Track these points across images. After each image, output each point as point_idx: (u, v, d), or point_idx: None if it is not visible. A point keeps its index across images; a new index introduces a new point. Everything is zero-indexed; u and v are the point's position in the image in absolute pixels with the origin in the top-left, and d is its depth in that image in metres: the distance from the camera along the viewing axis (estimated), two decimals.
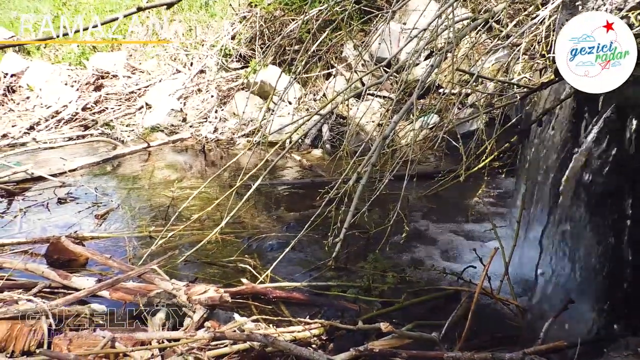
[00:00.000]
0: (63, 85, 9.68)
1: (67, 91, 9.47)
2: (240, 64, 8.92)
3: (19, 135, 8.37)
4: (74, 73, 10.07)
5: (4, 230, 4.32)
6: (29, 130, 8.59)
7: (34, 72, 9.91)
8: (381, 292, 3.04)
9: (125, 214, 4.73)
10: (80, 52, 10.64)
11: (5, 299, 2.77)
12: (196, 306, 2.46)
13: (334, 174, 5.62)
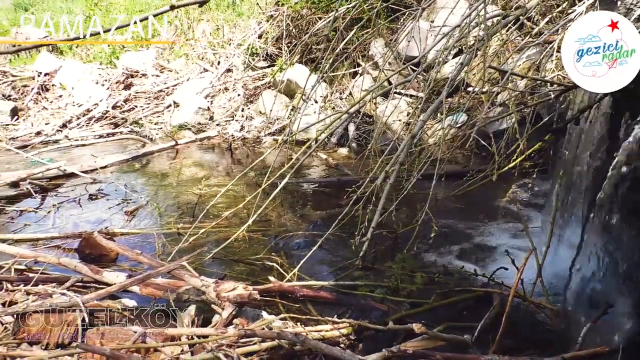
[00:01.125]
0: (94, 84, 9.88)
1: (98, 90, 9.66)
2: (266, 63, 8.96)
3: (52, 132, 8.59)
4: (105, 72, 10.27)
5: (38, 225, 4.43)
6: (61, 128, 8.80)
7: (66, 71, 10.13)
8: (409, 292, 3.00)
9: (154, 210, 4.79)
10: (110, 51, 10.85)
11: (39, 292, 2.84)
12: (225, 303, 2.46)
13: (360, 173, 5.60)
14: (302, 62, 7.94)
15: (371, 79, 7.13)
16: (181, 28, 10.71)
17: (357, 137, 6.87)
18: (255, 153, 7.28)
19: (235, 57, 9.15)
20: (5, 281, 3.07)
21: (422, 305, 2.80)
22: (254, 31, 8.87)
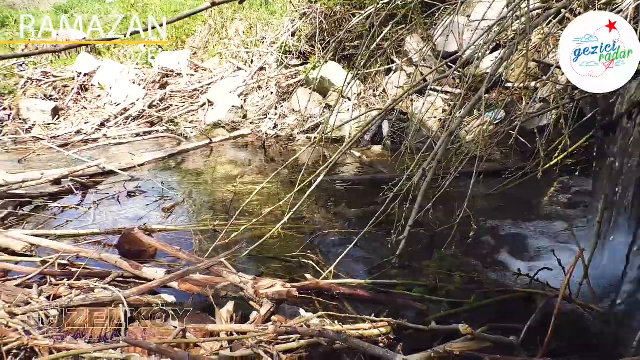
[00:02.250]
0: (131, 83, 10.10)
1: (135, 89, 9.87)
2: (299, 61, 8.97)
3: (91, 131, 8.83)
4: (141, 72, 10.49)
5: (79, 221, 4.54)
6: (100, 126, 9.04)
7: (105, 71, 10.40)
8: (448, 292, 2.93)
9: (190, 207, 4.86)
10: (146, 51, 11.06)
11: (82, 286, 2.91)
12: (263, 300, 2.47)
13: (395, 170, 5.54)
14: (335, 59, 7.91)
15: (406, 75, 7.03)
16: (215, 27, 10.83)
17: (391, 134, 6.80)
18: (288, 151, 7.30)
19: (269, 56, 9.20)
20: (50, 275, 3.16)
21: (462, 305, 2.73)
22: (287, 29, 8.90)
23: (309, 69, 8.32)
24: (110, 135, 8.59)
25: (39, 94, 9.93)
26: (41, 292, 2.79)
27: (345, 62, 8.13)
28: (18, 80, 10.29)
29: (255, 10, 10.24)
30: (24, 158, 7.28)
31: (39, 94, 9.92)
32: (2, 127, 9.33)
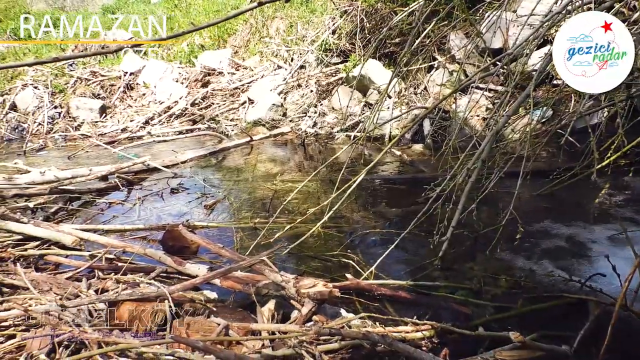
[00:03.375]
0: (174, 82, 10.33)
1: (178, 88, 10.09)
2: (339, 59, 8.94)
3: (136, 129, 9.09)
4: (184, 71, 10.70)
5: (125, 216, 4.67)
6: (144, 124, 9.29)
7: (149, 70, 10.67)
8: (493, 296, 2.85)
9: (231, 205, 4.91)
10: (189, 50, 11.28)
11: (128, 281, 2.98)
12: (305, 299, 2.46)
13: (437, 170, 5.44)
14: (375, 57, 7.85)
15: (448, 73, 6.89)
16: (256, 26, 10.92)
17: (432, 132, 6.68)
18: (327, 149, 7.29)
19: (309, 54, 9.21)
20: (98, 269, 3.26)
21: (509, 310, 2.64)
22: (328, 27, 8.88)
23: (349, 67, 8.27)
24: (154, 132, 8.81)
25: (87, 92, 10.30)
26: (90, 286, 2.88)
27: (385, 60, 8.06)
28: (68, 79, 10.70)
29: (296, 9, 10.27)
30: (73, 155, 7.56)
31: (87, 93, 10.28)
32: (53, 125, 9.73)
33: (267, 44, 10.33)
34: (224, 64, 10.50)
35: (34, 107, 10.02)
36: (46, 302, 2.45)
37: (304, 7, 10.19)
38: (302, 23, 9.89)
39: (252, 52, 10.78)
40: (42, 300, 2.49)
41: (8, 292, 2.89)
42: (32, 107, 10.02)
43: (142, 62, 11.07)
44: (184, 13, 12.87)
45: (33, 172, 5.48)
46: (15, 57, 12.19)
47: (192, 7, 12.90)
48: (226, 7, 12.01)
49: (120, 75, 10.80)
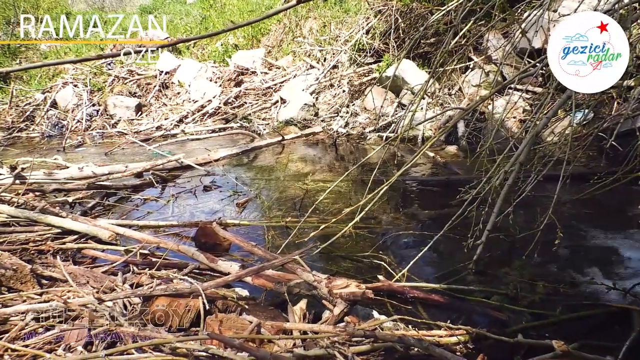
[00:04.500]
0: (208, 81, 10.46)
1: (211, 87, 10.21)
2: (373, 59, 8.89)
3: (171, 127, 9.24)
4: (218, 70, 10.82)
5: (159, 213, 4.74)
6: (178, 122, 9.45)
7: (184, 69, 10.84)
8: (530, 302, 2.76)
9: (262, 203, 4.93)
10: (223, 50, 11.41)
11: (162, 276, 3.02)
12: (337, 300, 2.44)
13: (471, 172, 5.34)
14: (409, 57, 7.76)
15: (484, 73, 6.76)
16: (289, 26, 10.96)
17: (466, 134, 6.57)
18: (359, 149, 7.26)
19: (342, 54, 9.19)
20: (132, 264, 3.32)
21: (547, 318, 2.56)
22: (361, 27, 8.84)
23: (383, 67, 8.21)
24: (188, 131, 8.94)
25: (124, 91, 10.53)
26: (125, 280, 2.93)
27: (419, 60, 7.96)
28: (106, 78, 10.96)
29: (330, 9, 10.26)
30: (110, 151, 7.74)
31: (124, 91, 10.52)
32: (91, 122, 9.99)
33: (300, 43, 10.35)
34: (257, 64, 10.58)
35: (73, 105, 10.32)
36: (84, 295, 2.50)
37: (337, 7, 10.17)
38: (336, 23, 9.88)
39: (285, 52, 10.83)
40: (80, 293, 2.54)
41: (47, 284, 2.97)
42: (71, 105, 10.32)
43: (177, 61, 11.25)
44: (219, 13, 13.03)
45: (72, 167, 5.63)
46: (57, 56, 12.58)
47: (227, 7, 13.04)
48: (260, 7, 12.10)
49: (156, 74, 11.01)
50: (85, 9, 17.78)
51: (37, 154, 7.22)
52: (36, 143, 9.26)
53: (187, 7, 14.81)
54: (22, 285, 2.84)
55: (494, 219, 2.93)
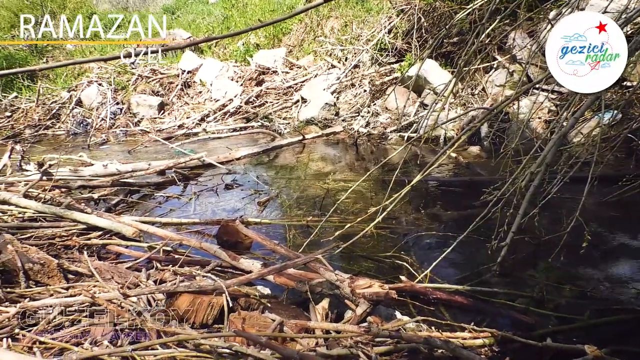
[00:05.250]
0: (229, 80, 10.53)
1: (233, 86, 10.28)
2: (394, 58, 8.84)
3: (192, 125, 9.33)
4: (239, 69, 10.89)
5: (181, 210, 4.78)
6: (200, 121, 9.53)
7: (206, 68, 10.93)
8: (556, 306, 2.71)
9: (283, 202, 4.93)
10: (245, 49, 11.48)
11: (185, 273, 3.04)
12: (359, 300, 2.42)
13: (494, 172, 5.27)
14: (432, 56, 7.70)
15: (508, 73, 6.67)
16: (310, 25, 10.97)
17: (489, 135, 6.48)
18: (379, 149, 7.22)
19: (363, 53, 9.15)
20: (156, 260, 3.35)
21: (574, 322, 2.51)
22: (383, 26, 8.79)
23: (405, 67, 8.16)
24: (209, 129, 9.01)
25: (147, 90, 10.67)
26: (149, 276, 2.96)
27: (442, 60, 7.89)
28: (130, 77, 11.11)
29: (351, 8, 10.24)
30: (133, 149, 7.84)
31: (147, 90, 10.65)
32: (115, 120, 10.14)
33: (322, 43, 10.35)
34: (278, 63, 10.62)
35: (97, 103, 10.49)
36: (109, 290, 2.53)
37: (359, 7, 10.15)
38: (357, 22, 9.85)
39: (306, 52, 10.84)
40: (106, 288, 2.58)
41: (73, 278, 3.02)
42: (96, 103, 10.49)
43: (199, 60, 11.35)
44: (241, 13, 13.10)
45: (96, 165, 5.72)
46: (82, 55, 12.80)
47: (249, 6, 13.11)
48: (282, 7, 12.14)
49: (178, 74, 11.12)
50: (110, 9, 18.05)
51: (62, 151, 7.35)
52: (62, 140, 9.44)
53: (209, 7, 14.92)
54: (49, 279, 2.89)
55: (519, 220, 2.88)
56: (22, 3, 14.46)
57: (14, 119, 10.31)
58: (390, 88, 8.30)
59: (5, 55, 12.37)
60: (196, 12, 14.71)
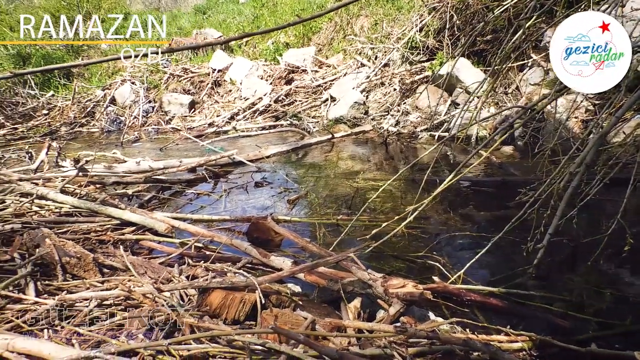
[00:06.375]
0: (259, 79, 10.59)
1: (262, 85, 10.33)
2: (425, 57, 8.73)
3: (222, 124, 9.41)
4: (269, 68, 10.94)
5: (211, 207, 4.83)
6: (229, 119, 9.61)
7: (236, 67, 11.02)
8: (596, 310, 2.62)
9: (313, 201, 4.92)
10: (274, 48, 11.53)
11: (216, 269, 3.07)
12: (392, 300, 2.39)
13: (529, 173, 5.15)
14: (464, 55, 7.57)
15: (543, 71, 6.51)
16: (340, 24, 10.94)
17: (523, 134, 6.34)
18: (409, 148, 7.14)
19: (394, 52, 9.07)
20: (187, 256, 3.38)
21: (616, 327, 2.42)
22: (415, 24, 8.69)
23: (436, 65, 8.05)
24: (239, 127, 9.08)
25: (178, 88, 10.82)
26: (181, 272, 2.99)
27: (474, 58, 7.75)
28: (162, 76, 11.30)
29: (381, 6, 10.16)
30: (165, 147, 7.97)
31: (178, 89, 10.81)
32: (147, 118, 10.33)
33: (351, 41, 10.31)
34: (308, 62, 10.62)
35: (130, 102, 10.70)
36: (144, 285, 2.56)
37: (389, 5, 10.06)
38: (388, 21, 9.77)
39: (335, 50, 10.82)
40: (141, 283, 2.61)
41: (108, 272, 3.08)
42: (129, 102, 10.71)
43: (229, 59, 11.45)
44: (271, 12, 13.16)
45: (129, 161, 5.82)
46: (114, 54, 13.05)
47: (279, 5, 13.16)
48: (312, 6, 12.13)
49: (209, 72, 11.25)
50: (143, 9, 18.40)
51: (97, 148, 7.52)
52: (96, 137, 9.67)
53: (239, 6, 15.05)
54: (85, 273, 2.95)
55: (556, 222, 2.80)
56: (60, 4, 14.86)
57: (50, 117, 10.60)
58: (420, 87, 8.20)
59: (43, 54, 12.73)
60: (227, 11, 14.85)
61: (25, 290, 2.69)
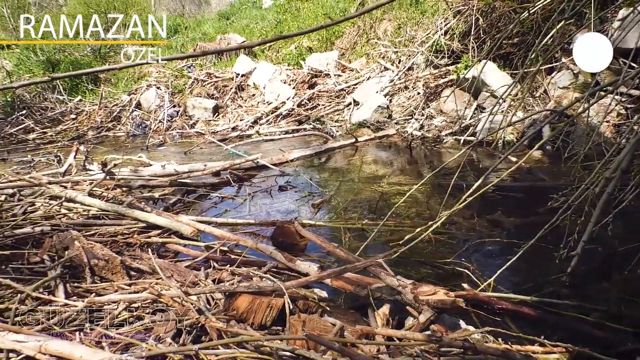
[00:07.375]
0: (282, 83, 10.62)
1: (285, 89, 10.36)
2: (450, 60, 8.63)
3: (246, 128, 9.46)
4: (292, 72, 10.96)
5: (236, 211, 4.83)
6: (253, 123, 9.65)
7: (259, 72, 11.07)
8: (635, 321, 2.52)
9: (337, 205, 4.89)
10: (297, 53, 11.55)
11: (242, 273, 3.05)
12: (423, 307, 2.34)
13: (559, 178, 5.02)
14: (490, 58, 7.46)
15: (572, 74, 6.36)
16: (363, 28, 10.91)
17: (552, 139, 6.20)
18: (433, 153, 7.06)
19: (418, 55, 9.00)
20: (213, 260, 3.38)
21: None
22: (439, 28, 8.60)
23: (461, 69, 7.94)
24: (262, 132, 9.11)
25: (202, 93, 10.92)
26: (207, 275, 2.98)
27: (500, 61, 7.63)
28: (186, 80, 11.42)
29: (405, 10, 10.10)
30: (189, 150, 8.03)
31: (202, 93, 10.91)
32: (172, 122, 10.44)
33: (374, 45, 10.26)
34: (331, 66, 10.62)
35: (155, 106, 10.84)
36: (171, 288, 2.56)
37: (413, 8, 9.99)
38: (412, 24, 9.70)
39: (358, 54, 10.78)
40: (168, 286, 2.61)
41: (135, 275, 3.09)
42: (154, 106, 10.85)
43: (252, 64, 11.52)
44: (294, 17, 13.21)
45: (155, 165, 5.87)
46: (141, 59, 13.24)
47: (302, 10, 13.20)
48: (334, 11, 12.13)
49: (232, 77, 11.33)
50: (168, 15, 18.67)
51: (123, 152, 7.62)
52: (122, 141, 9.81)
53: (262, 11, 15.15)
54: (112, 275, 2.97)
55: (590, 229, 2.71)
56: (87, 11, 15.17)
57: (78, 121, 10.81)
58: (445, 91, 8.10)
59: (71, 60, 13.01)
60: (250, 17, 14.96)
61: (55, 292, 2.71)
